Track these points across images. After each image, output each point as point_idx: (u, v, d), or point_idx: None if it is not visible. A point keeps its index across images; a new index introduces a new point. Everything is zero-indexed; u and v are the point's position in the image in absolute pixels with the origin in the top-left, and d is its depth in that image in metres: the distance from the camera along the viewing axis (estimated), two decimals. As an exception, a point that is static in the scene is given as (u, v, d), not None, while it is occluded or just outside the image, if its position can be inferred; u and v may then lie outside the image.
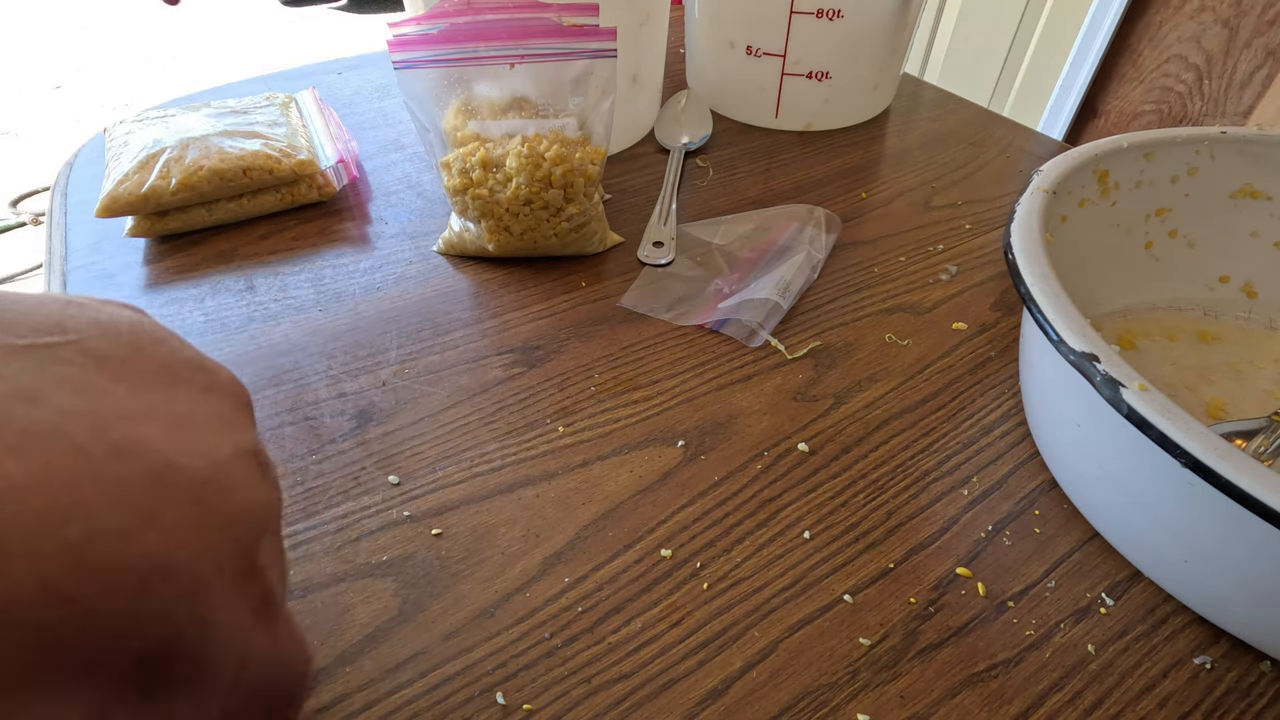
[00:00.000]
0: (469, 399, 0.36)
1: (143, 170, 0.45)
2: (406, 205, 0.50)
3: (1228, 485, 0.21)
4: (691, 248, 0.46)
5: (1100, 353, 0.25)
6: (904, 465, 0.34)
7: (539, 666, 0.26)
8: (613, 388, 0.37)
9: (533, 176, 0.40)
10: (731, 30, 0.56)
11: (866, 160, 0.56)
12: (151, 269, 0.44)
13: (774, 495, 0.32)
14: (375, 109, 0.62)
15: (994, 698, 0.26)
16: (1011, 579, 0.29)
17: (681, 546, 0.30)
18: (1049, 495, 0.33)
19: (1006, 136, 0.60)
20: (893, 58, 0.59)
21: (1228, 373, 0.37)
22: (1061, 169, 0.35)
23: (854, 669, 0.27)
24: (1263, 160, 0.37)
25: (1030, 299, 0.28)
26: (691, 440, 0.35)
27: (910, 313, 0.42)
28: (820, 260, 0.45)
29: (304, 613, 0.28)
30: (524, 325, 0.41)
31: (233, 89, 0.63)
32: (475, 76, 0.42)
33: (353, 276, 0.44)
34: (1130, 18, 1.07)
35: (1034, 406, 0.34)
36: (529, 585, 0.29)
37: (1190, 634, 0.28)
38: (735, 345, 0.40)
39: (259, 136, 0.48)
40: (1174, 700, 0.26)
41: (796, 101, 0.58)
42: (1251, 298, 0.39)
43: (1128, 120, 1.13)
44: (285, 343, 0.39)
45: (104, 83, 2.51)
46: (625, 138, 0.56)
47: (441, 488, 0.32)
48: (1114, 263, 0.39)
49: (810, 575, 0.29)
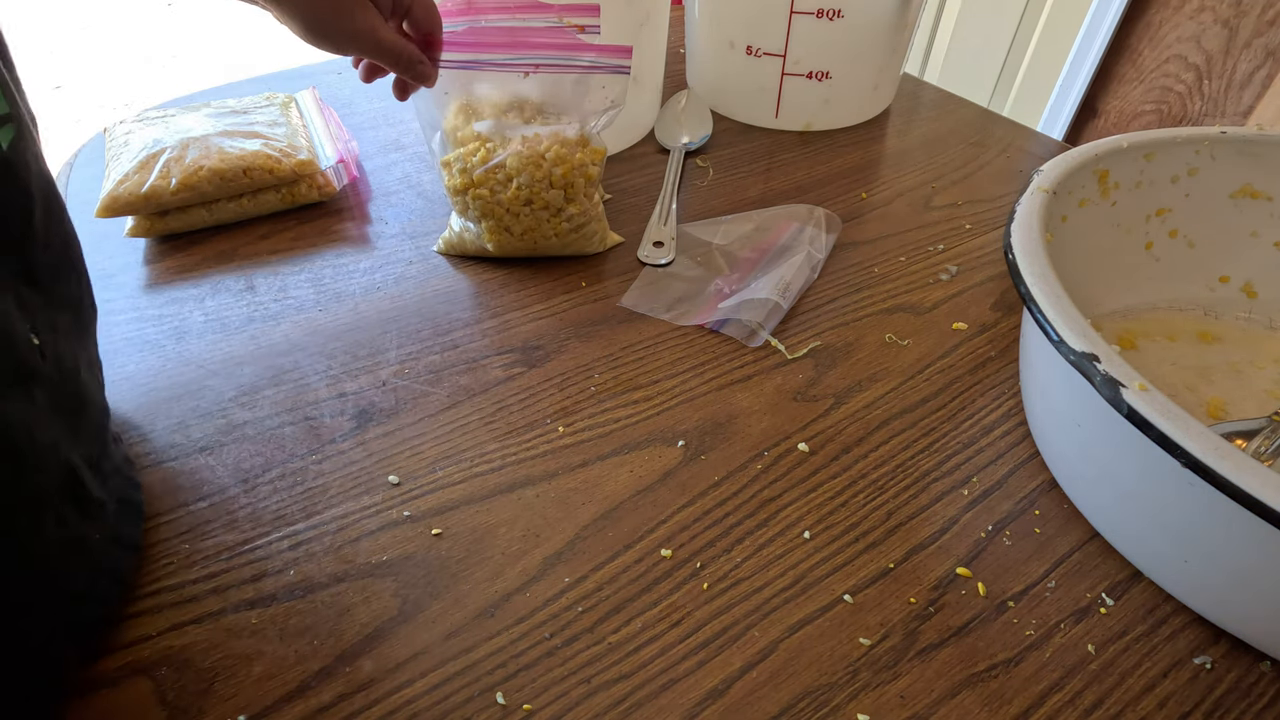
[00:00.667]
0: (469, 399, 0.36)
1: (143, 170, 0.45)
2: (406, 205, 0.50)
3: (1228, 485, 0.21)
4: (691, 248, 0.46)
5: (1100, 353, 0.25)
6: (904, 465, 0.34)
7: (539, 666, 0.26)
8: (613, 388, 0.37)
9: (533, 176, 0.40)
10: (731, 30, 0.56)
11: (866, 160, 0.56)
12: (151, 269, 0.44)
13: (774, 495, 0.32)
14: (375, 109, 0.62)
15: (994, 698, 0.26)
16: (1011, 579, 0.29)
17: (681, 546, 0.30)
18: (1049, 495, 0.33)
19: (1006, 136, 0.60)
20: (893, 58, 0.59)
21: (1228, 373, 0.37)
22: (1061, 169, 0.35)
23: (854, 669, 0.27)
24: (1263, 160, 0.37)
25: (1030, 299, 0.28)
26: (691, 440, 0.35)
27: (910, 313, 0.42)
28: (820, 260, 0.45)
29: (304, 613, 0.28)
30: (524, 325, 0.41)
31: (233, 89, 0.63)
32: (478, 77, 0.42)
33: (353, 276, 0.44)
34: (1130, 18, 1.07)
35: (1034, 406, 0.34)
36: (529, 585, 0.29)
37: (1190, 634, 0.28)
38: (735, 345, 0.40)
39: (259, 136, 0.48)
40: (1174, 700, 0.26)
41: (796, 101, 0.58)
42: (1251, 298, 0.39)
43: (1128, 120, 1.13)
44: (285, 343, 0.39)
45: (104, 83, 2.51)
46: (625, 138, 0.56)
47: (441, 488, 0.32)
48: (1114, 263, 0.39)
49: (810, 575, 0.29)
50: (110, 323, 0.40)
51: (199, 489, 0.32)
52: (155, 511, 0.31)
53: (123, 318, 0.41)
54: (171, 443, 0.34)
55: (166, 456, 0.33)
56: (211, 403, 0.36)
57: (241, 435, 0.34)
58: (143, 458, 0.33)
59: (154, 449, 0.34)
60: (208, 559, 0.29)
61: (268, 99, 0.54)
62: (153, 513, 0.31)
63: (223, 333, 0.40)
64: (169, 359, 0.38)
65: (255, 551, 0.30)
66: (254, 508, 0.31)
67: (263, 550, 0.30)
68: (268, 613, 0.28)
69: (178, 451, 0.34)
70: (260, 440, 0.34)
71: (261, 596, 0.28)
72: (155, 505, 0.31)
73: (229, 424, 0.35)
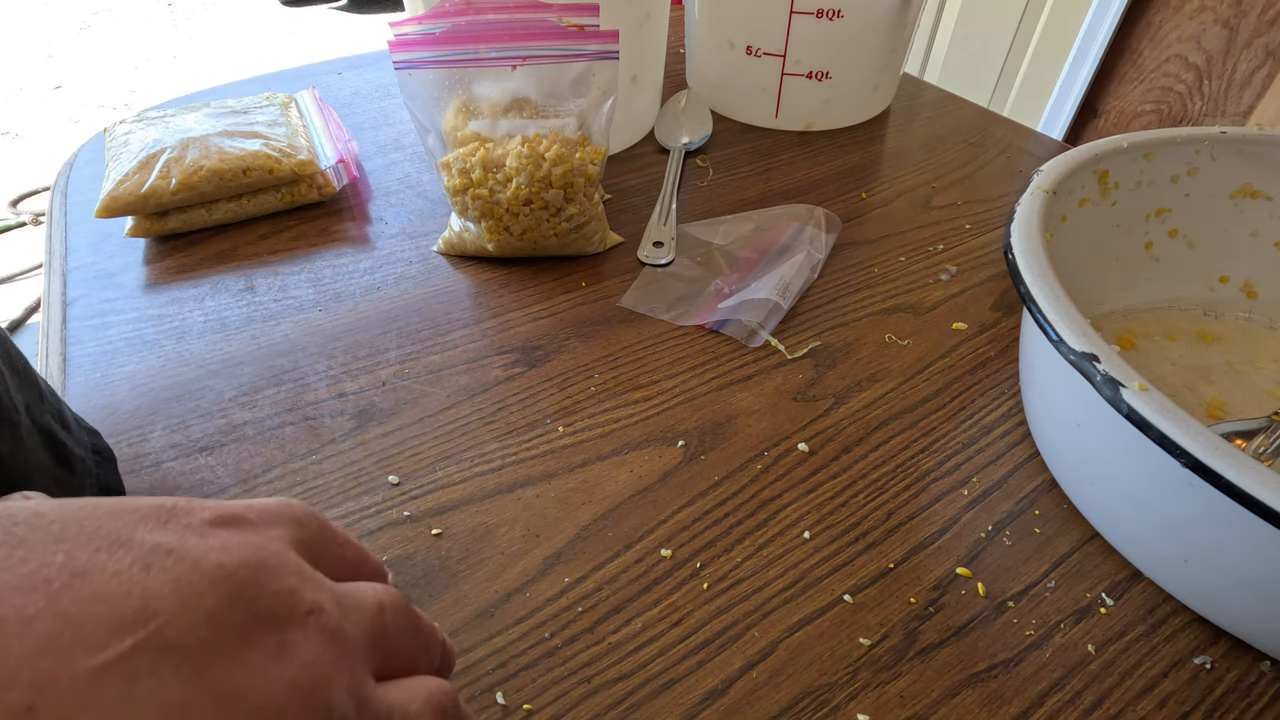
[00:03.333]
0: (469, 399, 0.36)
1: (143, 170, 0.45)
2: (406, 205, 0.50)
3: (1228, 485, 0.21)
4: (691, 248, 0.46)
5: (1100, 353, 0.25)
6: (904, 465, 0.34)
7: (539, 666, 0.26)
8: (613, 388, 0.37)
9: (533, 176, 0.40)
10: (731, 30, 0.56)
11: (866, 160, 0.56)
12: (151, 269, 0.44)
13: (774, 495, 0.32)
14: (375, 109, 0.62)
15: (994, 698, 0.26)
16: (1011, 579, 0.29)
17: (681, 546, 0.30)
18: (1049, 495, 0.33)
19: (1006, 136, 0.60)
20: (893, 58, 0.59)
21: (1228, 373, 0.37)
22: (1061, 169, 0.35)
23: (854, 669, 0.27)
24: (1263, 160, 0.37)
25: (1030, 299, 0.28)
26: (691, 440, 0.35)
27: (910, 313, 0.42)
28: (820, 260, 0.45)
29: (304, 613, 0.28)
30: (524, 325, 0.41)
31: (233, 89, 0.63)
32: (475, 77, 0.42)
33: (353, 276, 0.44)
34: (1130, 18, 1.07)
35: (1034, 406, 0.34)
36: (529, 585, 0.29)
37: (1190, 634, 0.28)
38: (735, 345, 0.40)
39: (259, 136, 0.48)
40: (1174, 700, 0.26)
41: (796, 101, 0.58)
42: (1251, 298, 0.39)
43: (1128, 120, 1.13)
44: (285, 343, 0.39)
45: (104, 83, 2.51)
46: (625, 138, 0.56)
47: (441, 488, 0.32)
48: (1114, 263, 0.39)
49: (810, 575, 0.29)
50: (110, 323, 0.40)
51: (199, 489, 0.32)
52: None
53: (123, 318, 0.41)
54: (171, 443, 0.34)
55: (166, 456, 0.33)
56: (211, 403, 0.36)
57: (241, 435, 0.34)
58: (143, 458, 0.33)
59: (154, 449, 0.34)
60: (208, 559, 0.29)
61: (268, 99, 0.54)
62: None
63: (223, 333, 0.40)
64: (169, 359, 0.38)
65: (255, 551, 0.30)
66: (254, 508, 0.31)
67: (263, 550, 0.30)
68: (268, 613, 0.28)
69: (178, 451, 0.34)
70: (260, 440, 0.34)
71: (261, 596, 0.28)
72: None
73: (229, 424, 0.35)
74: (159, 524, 0.13)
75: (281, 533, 0.15)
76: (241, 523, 0.14)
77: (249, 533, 0.14)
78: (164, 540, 0.13)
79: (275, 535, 0.15)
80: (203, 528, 0.14)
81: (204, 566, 0.13)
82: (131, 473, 0.33)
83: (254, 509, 0.15)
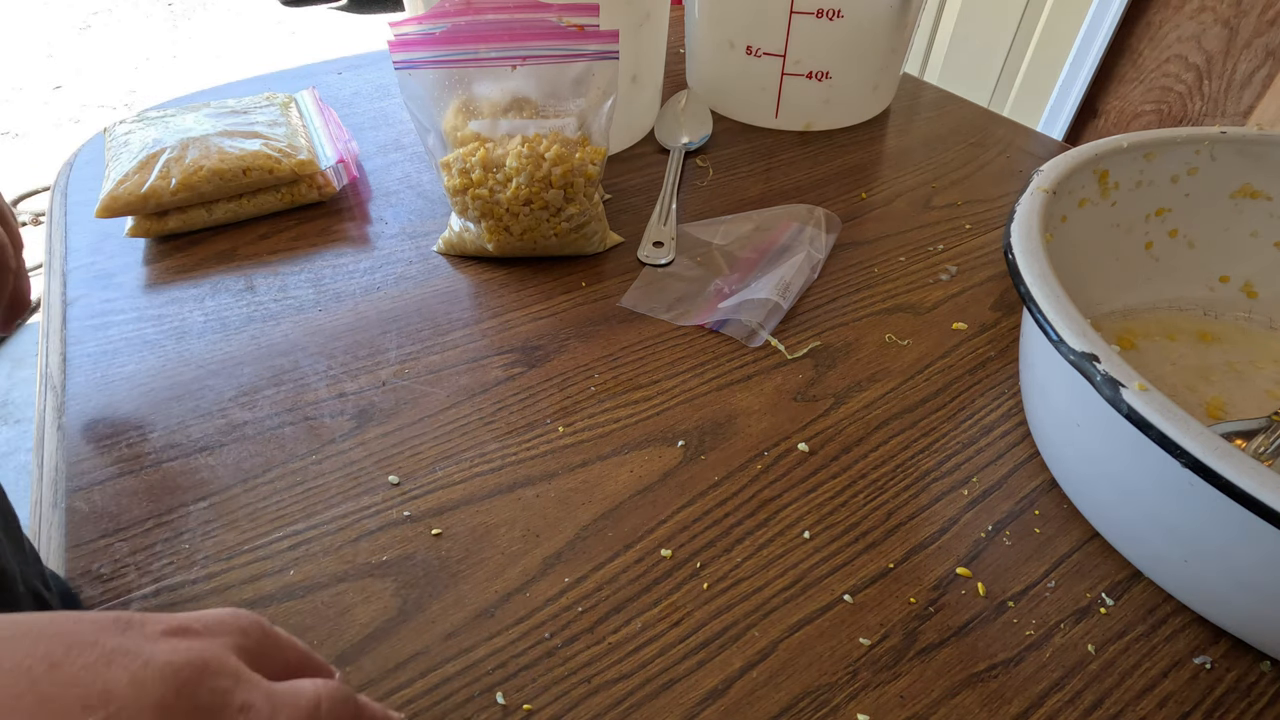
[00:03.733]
0: (469, 399, 0.36)
1: (143, 170, 0.45)
2: (406, 205, 0.50)
3: (1228, 485, 0.21)
4: (691, 248, 0.46)
5: (1100, 353, 0.25)
6: (904, 465, 0.34)
7: (539, 666, 0.26)
8: (613, 388, 0.37)
9: (533, 176, 0.40)
10: (731, 30, 0.56)
11: (866, 160, 0.56)
12: (151, 269, 0.44)
13: (774, 495, 0.32)
14: (375, 109, 0.62)
15: (994, 698, 0.26)
16: (1011, 579, 0.29)
17: (681, 546, 0.30)
18: (1049, 495, 0.33)
19: (1006, 136, 0.60)
20: (893, 58, 0.59)
21: (1228, 373, 0.37)
22: (1061, 169, 0.35)
23: (854, 669, 0.27)
24: (1263, 160, 0.37)
25: (1030, 299, 0.28)
26: (691, 440, 0.35)
27: (910, 313, 0.42)
28: (820, 260, 0.45)
29: (304, 613, 0.28)
30: (524, 325, 0.41)
31: (233, 89, 0.63)
32: (475, 77, 0.42)
33: (353, 276, 0.44)
34: (1130, 18, 1.07)
35: (1034, 406, 0.34)
36: (529, 585, 0.29)
37: (1190, 634, 0.28)
38: (735, 345, 0.40)
39: (259, 136, 0.48)
40: (1174, 700, 0.26)
41: (796, 101, 0.58)
42: (1251, 298, 0.39)
43: (1128, 120, 1.13)
44: (285, 343, 0.39)
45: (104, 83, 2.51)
46: (625, 138, 0.56)
47: (441, 488, 0.32)
48: (1114, 263, 0.39)
49: (810, 575, 0.29)
50: (110, 323, 0.40)
51: (199, 489, 0.32)
52: (156, 512, 0.31)
53: (123, 318, 0.41)
54: (171, 443, 0.34)
55: (166, 456, 0.33)
56: (211, 403, 0.36)
57: (241, 435, 0.34)
58: (143, 458, 0.33)
59: (154, 449, 0.34)
60: (208, 559, 0.29)
61: (268, 99, 0.54)
62: (153, 513, 0.31)
63: (223, 333, 0.40)
64: (169, 359, 0.38)
65: (255, 551, 0.30)
66: (254, 508, 0.31)
67: (263, 550, 0.30)
68: (268, 612, 0.28)
69: (178, 451, 0.34)
70: (260, 440, 0.34)
71: (261, 596, 0.28)
72: (156, 505, 0.31)
73: (229, 424, 0.35)
74: (119, 631, 0.15)
75: (226, 640, 0.17)
76: (189, 632, 0.16)
77: (195, 640, 0.16)
78: (123, 643, 0.15)
79: (219, 642, 0.17)
80: (156, 635, 0.16)
81: (155, 664, 0.15)
82: (132, 473, 0.33)
83: (201, 620, 0.17)
